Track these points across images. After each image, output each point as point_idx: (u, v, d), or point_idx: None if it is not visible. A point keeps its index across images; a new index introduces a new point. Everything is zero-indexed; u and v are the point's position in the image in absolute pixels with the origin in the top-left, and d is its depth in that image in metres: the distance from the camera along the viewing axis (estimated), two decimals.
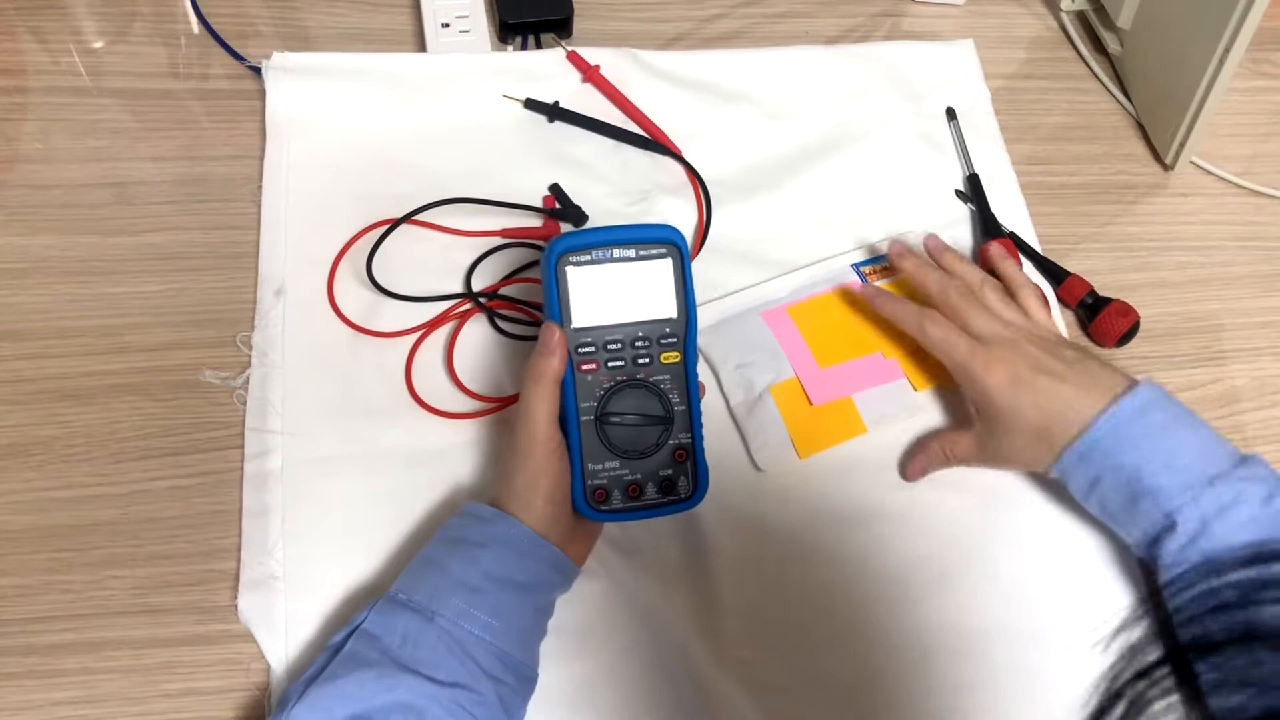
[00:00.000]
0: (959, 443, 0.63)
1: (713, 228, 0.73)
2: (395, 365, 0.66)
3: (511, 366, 0.66)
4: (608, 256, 0.56)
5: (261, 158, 0.73)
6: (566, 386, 0.56)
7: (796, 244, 0.73)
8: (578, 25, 0.82)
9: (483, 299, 0.68)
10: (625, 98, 0.78)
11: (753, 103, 0.79)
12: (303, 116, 0.74)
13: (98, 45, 0.78)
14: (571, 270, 0.56)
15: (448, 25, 0.80)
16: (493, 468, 0.63)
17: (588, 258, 0.56)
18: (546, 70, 0.79)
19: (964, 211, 0.77)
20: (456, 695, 0.50)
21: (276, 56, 0.75)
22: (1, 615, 0.57)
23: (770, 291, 0.71)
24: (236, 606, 0.58)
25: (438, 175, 0.73)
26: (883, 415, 0.66)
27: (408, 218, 0.70)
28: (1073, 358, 0.60)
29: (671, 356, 0.57)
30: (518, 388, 0.57)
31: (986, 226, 0.75)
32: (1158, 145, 0.82)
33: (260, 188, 0.71)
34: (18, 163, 0.72)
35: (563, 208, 0.72)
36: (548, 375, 0.55)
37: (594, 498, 0.56)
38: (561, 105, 0.77)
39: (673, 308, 0.57)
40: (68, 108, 0.74)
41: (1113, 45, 0.86)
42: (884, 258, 0.71)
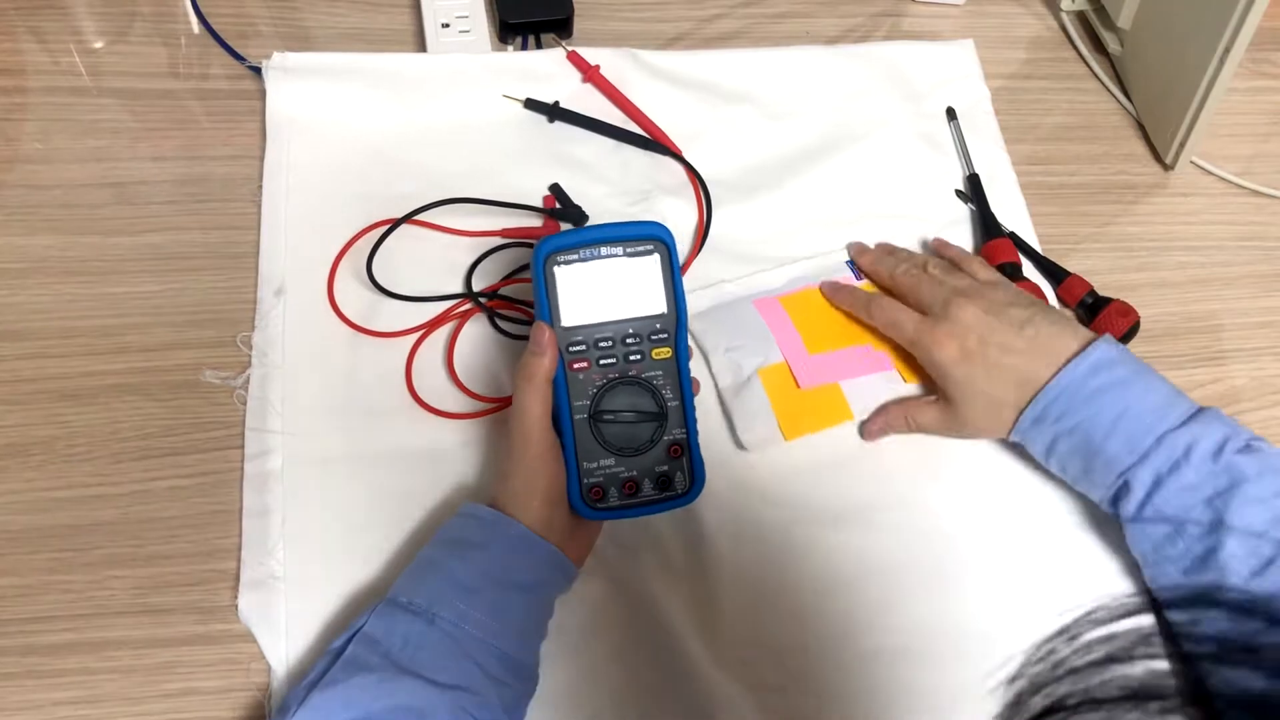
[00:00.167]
0: (923, 411, 0.64)
1: (713, 228, 0.73)
2: (395, 365, 0.66)
3: (511, 366, 0.66)
4: (595, 255, 0.56)
5: (261, 158, 0.73)
6: (559, 385, 0.56)
7: (796, 244, 0.73)
8: (578, 25, 0.82)
9: (483, 299, 0.68)
10: (625, 98, 0.78)
11: (753, 103, 0.79)
12: (303, 116, 0.74)
13: (98, 45, 0.78)
14: (560, 270, 0.56)
15: (448, 25, 0.80)
16: (492, 468, 0.63)
17: (575, 257, 0.56)
18: (546, 70, 0.78)
19: (964, 211, 0.77)
20: (458, 698, 0.50)
21: (276, 56, 0.75)
22: (1, 615, 0.57)
23: (764, 282, 0.71)
24: (236, 606, 0.58)
25: (438, 175, 0.73)
26: (871, 404, 0.66)
27: (408, 218, 0.70)
28: (1022, 318, 0.60)
29: (663, 352, 0.57)
30: None
31: (986, 226, 0.75)
32: (1158, 145, 0.82)
33: (260, 188, 0.71)
34: (18, 163, 0.72)
35: (563, 208, 0.72)
36: (539, 375, 0.55)
37: (590, 496, 0.56)
38: (561, 105, 0.77)
39: (662, 303, 0.57)
40: (68, 108, 0.74)
41: (1113, 45, 0.86)
42: None
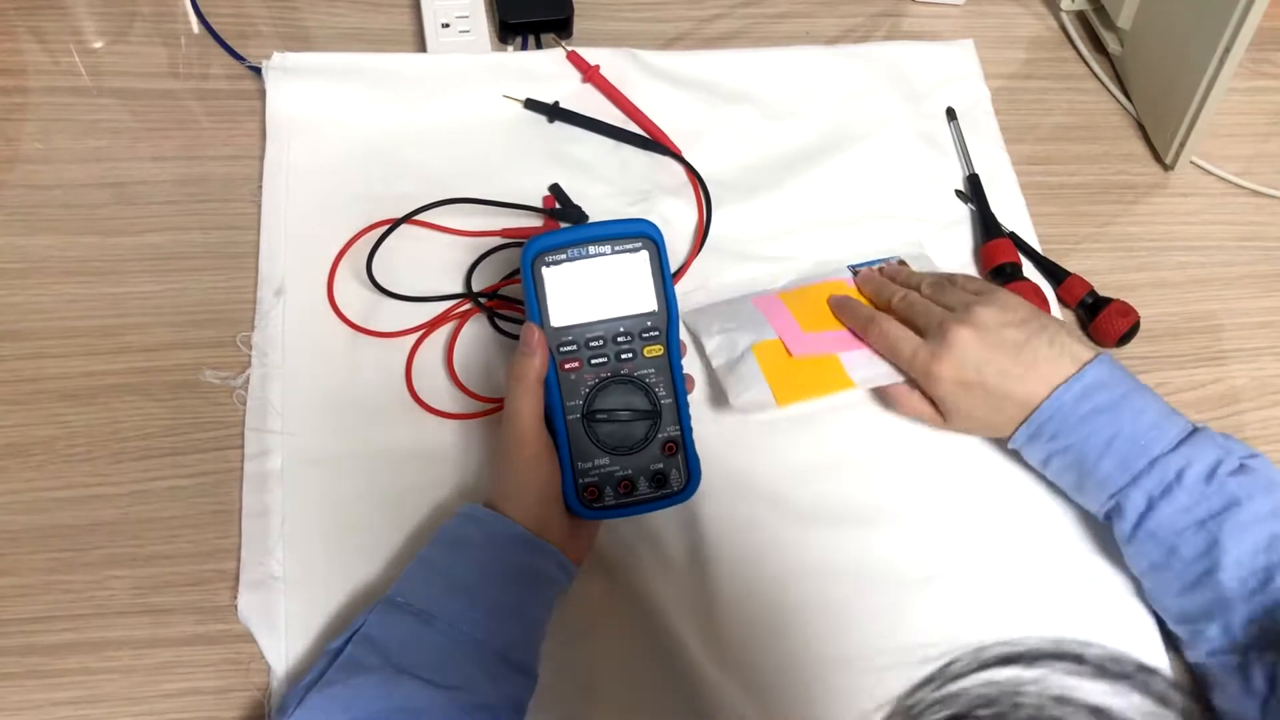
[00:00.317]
0: (920, 408, 0.64)
1: (713, 228, 0.73)
2: (395, 365, 0.66)
3: None
4: (583, 254, 0.56)
5: (261, 158, 0.73)
6: (551, 386, 0.56)
7: (796, 244, 0.73)
8: (578, 25, 0.82)
9: (483, 299, 0.68)
10: (625, 98, 0.78)
11: (753, 103, 0.79)
12: (303, 116, 0.74)
13: (98, 45, 0.78)
14: (548, 270, 0.56)
15: (448, 25, 0.80)
16: (492, 468, 0.63)
17: (563, 256, 0.56)
18: (546, 70, 0.78)
19: (964, 211, 0.77)
20: (457, 698, 0.50)
21: (276, 56, 0.75)
22: (1, 615, 0.57)
23: (765, 284, 0.71)
24: (236, 606, 0.58)
25: (438, 175, 0.73)
26: (872, 375, 0.64)
27: (408, 218, 0.70)
28: (1019, 341, 0.60)
29: (655, 350, 0.57)
30: None
31: (986, 226, 0.75)
32: (1158, 145, 0.82)
33: (260, 188, 0.71)
34: (18, 163, 0.72)
35: (563, 208, 0.72)
36: (529, 376, 0.55)
37: (586, 496, 0.56)
38: (561, 105, 0.77)
39: (652, 301, 0.57)
40: (68, 108, 0.74)
41: (1113, 45, 0.86)
42: (880, 260, 0.72)
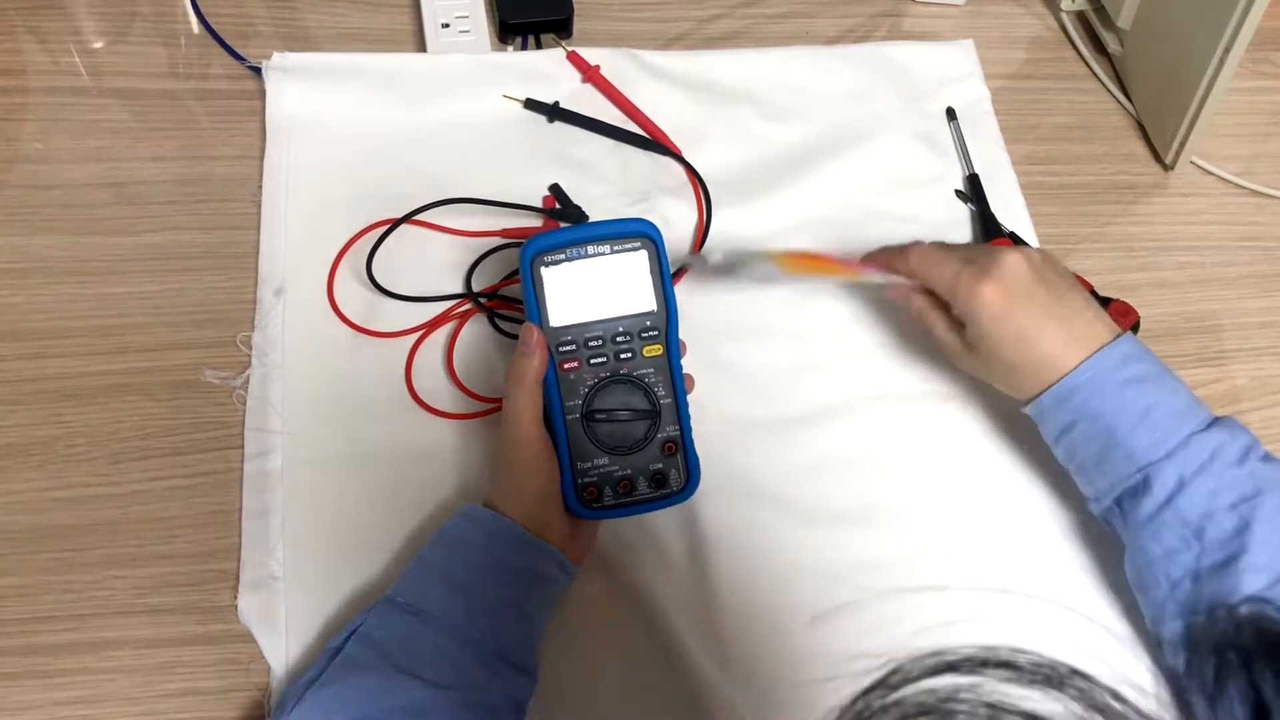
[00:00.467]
0: (941, 326, 0.62)
1: (713, 228, 0.73)
2: (395, 365, 0.66)
3: None
4: (581, 254, 0.56)
5: (261, 158, 0.73)
6: (550, 386, 0.56)
7: (796, 244, 0.73)
8: (578, 25, 0.82)
9: (483, 299, 0.68)
10: (625, 98, 0.78)
11: (753, 103, 0.79)
12: (303, 116, 0.74)
13: (98, 45, 0.78)
14: (546, 270, 0.56)
15: (448, 25, 0.80)
16: (491, 468, 0.63)
17: (562, 256, 0.56)
18: (546, 70, 0.78)
19: (964, 211, 0.77)
20: (456, 697, 0.50)
21: (276, 56, 0.75)
22: (2, 615, 0.57)
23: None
24: (236, 606, 0.58)
25: (438, 175, 0.73)
26: (882, 277, 0.62)
27: (408, 218, 0.70)
28: (1063, 287, 0.59)
29: (654, 349, 0.57)
30: None
31: (986, 226, 0.75)
32: (1158, 145, 0.82)
33: (260, 188, 0.71)
34: (18, 163, 0.72)
35: (563, 208, 0.72)
36: (528, 376, 0.55)
37: (586, 496, 0.56)
38: (561, 105, 0.77)
39: (651, 300, 0.57)
40: (68, 108, 0.74)
41: (1113, 45, 0.86)
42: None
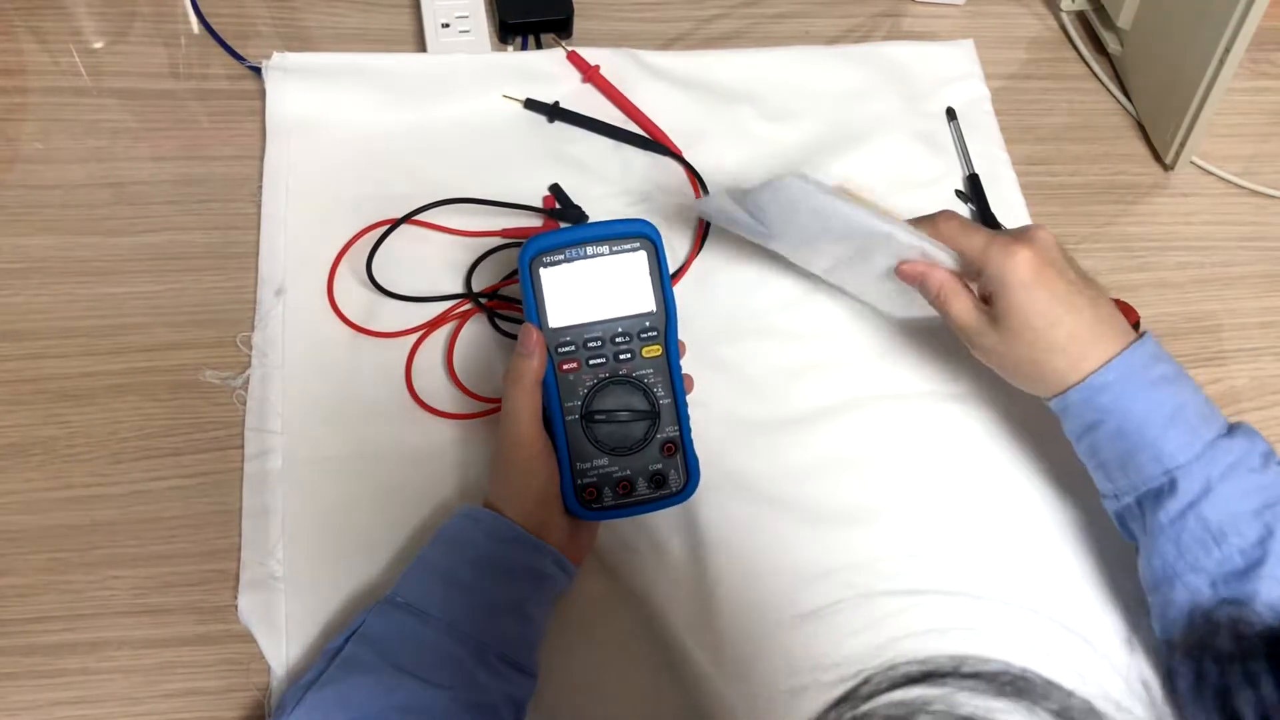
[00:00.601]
0: (961, 300, 0.59)
1: (712, 228, 0.73)
2: (395, 365, 0.66)
3: None
4: (580, 254, 0.56)
5: (261, 158, 0.73)
6: (549, 387, 0.56)
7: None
8: (578, 25, 0.82)
9: (483, 299, 0.68)
10: (625, 98, 0.78)
11: (753, 103, 0.79)
12: (303, 116, 0.74)
13: (98, 45, 0.78)
14: (545, 271, 0.56)
15: (448, 25, 0.80)
16: (491, 469, 0.63)
17: (561, 257, 0.56)
18: (546, 70, 0.78)
19: (964, 211, 0.77)
20: (456, 697, 0.50)
21: (276, 56, 0.75)
22: (1, 615, 0.57)
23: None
24: (236, 606, 0.58)
25: (438, 175, 0.73)
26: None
27: (408, 218, 0.70)
28: (1085, 273, 0.58)
29: (653, 350, 0.57)
30: None
31: (986, 226, 0.75)
32: (1158, 145, 0.82)
33: (260, 188, 0.71)
34: (18, 163, 0.72)
35: (563, 208, 0.72)
36: (527, 377, 0.55)
37: (585, 496, 0.56)
38: (561, 105, 0.77)
39: (651, 301, 0.57)
40: (68, 108, 0.74)
41: (1113, 45, 0.86)
42: None
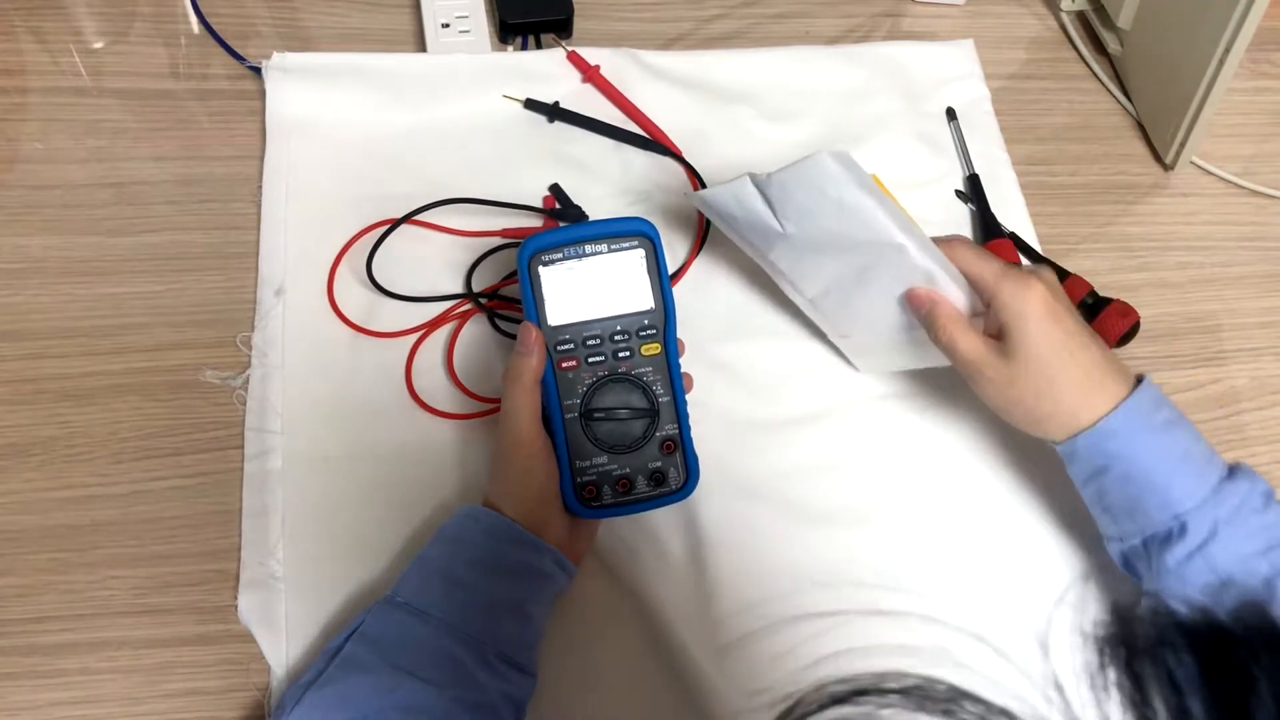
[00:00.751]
0: (969, 336, 0.57)
1: (713, 228, 0.73)
2: (395, 365, 0.66)
3: None
4: (579, 253, 0.56)
5: (261, 158, 0.73)
6: (549, 385, 0.56)
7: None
8: (578, 25, 0.82)
9: (483, 299, 0.68)
10: (625, 98, 0.78)
11: (753, 103, 0.79)
12: (303, 116, 0.74)
13: (98, 45, 0.78)
14: (544, 270, 0.56)
15: (448, 25, 0.80)
16: (490, 468, 0.63)
17: (559, 256, 0.56)
18: (546, 70, 0.78)
19: (964, 211, 0.77)
20: (456, 697, 0.50)
21: (276, 56, 0.75)
22: (2, 615, 0.57)
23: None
24: (236, 606, 0.58)
25: (438, 175, 0.73)
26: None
27: (408, 218, 0.70)
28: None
29: (652, 348, 0.57)
30: None
31: (986, 226, 0.75)
32: (1158, 145, 0.82)
33: (260, 188, 0.71)
34: (18, 163, 0.72)
35: (563, 208, 0.72)
36: (526, 375, 0.55)
37: (584, 495, 0.56)
38: (561, 105, 0.77)
39: (649, 299, 0.57)
40: (68, 108, 0.74)
41: (1113, 45, 0.86)
42: None
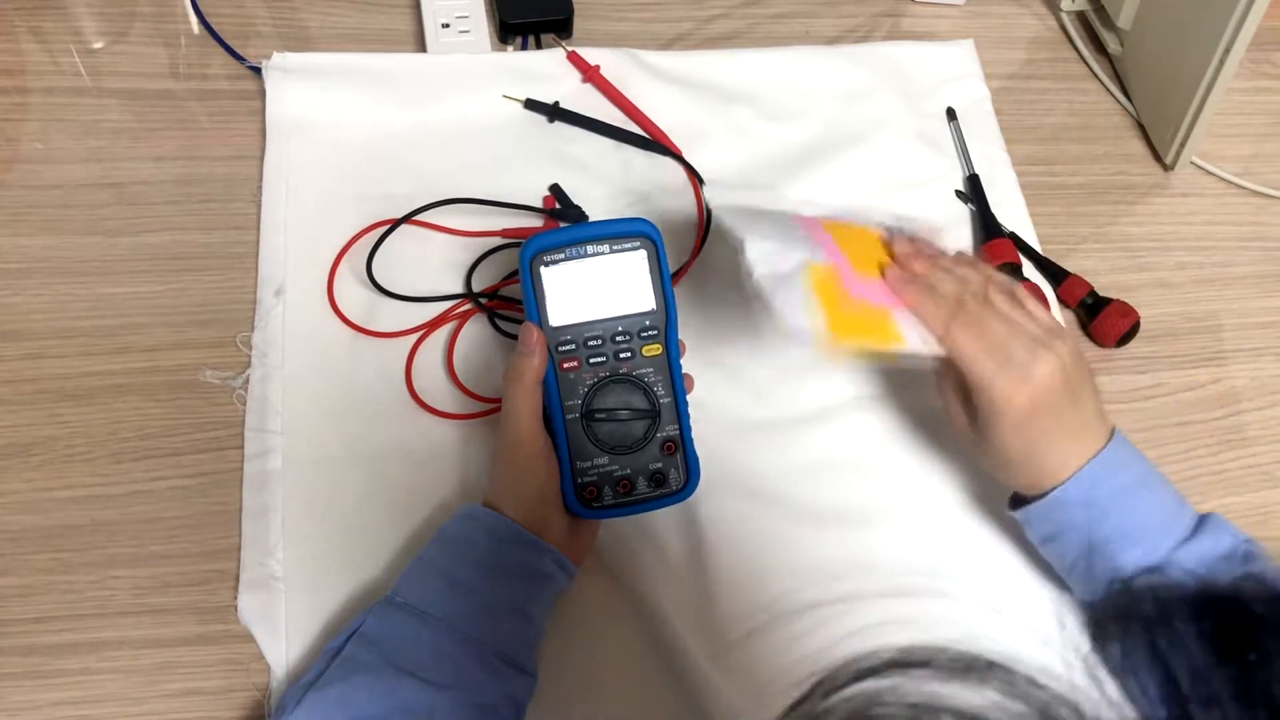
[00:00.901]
0: (954, 404, 0.59)
1: (713, 228, 0.73)
2: (395, 365, 0.66)
3: None
4: (581, 253, 0.56)
5: (261, 158, 0.73)
6: (550, 386, 0.56)
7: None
8: (578, 25, 0.82)
9: (483, 299, 0.68)
10: (625, 98, 0.78)
11: (753, 103, 0.79)
12: (303, 116, 0.74)
13: (98, 45, 0.78)
14: (546, 270, 0.56)
15: (448, 25, 0.80)
16: (491, 468, 0.63)
17: (561, 256, 0.56)
18: (546, 70, 0.78)
19: (964, 211, 0.77)
20: (455, 697, 0.50)
21: (276, 56, 0.75)
22: (2, 615, 0.57)
23: (801, 208, 0.63)
24: (236, 606, 0.58)
25: (438, 175, 0.73)
26: (923, 343, 0.57)
27: (408, 218, 0.70)
28: (1078, 381, 0.56)
29: (653, 349, 0.57)
30: None
31: (986, 227, 0.75)
32: (1158, 145, 0.82)
33: (260, 188, 0.71)
34: (18, 163, 0.72)
35: (563, 208, 0.72)
36: (527, 375, 0.55)
37: (585, 495, 0.56)
38: (561, 105, 0.77)
39: (651, 300, 0.57)
40: (68, 108, 0.74)
41: (1113, 45, 0.86)
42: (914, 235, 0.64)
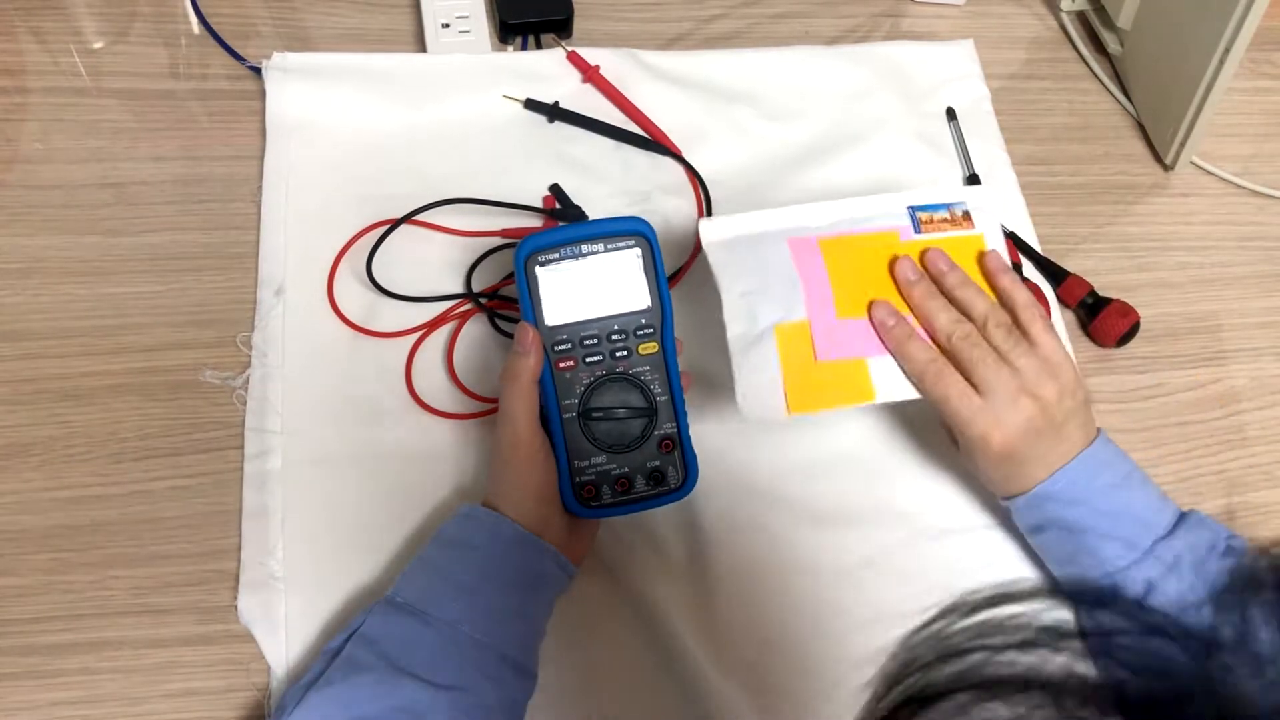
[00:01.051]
0: (948, 436, 0.61)
1: None
2: (395, 365, 0.66)
3: None
4: (576, 253, 0.57)
5: (261, 158, 0.73)
6: (546, 385, 0.56)
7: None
8: (578, 25, 0.82)
9: (483, 299, 0.68)
10: (625, 98, 0.78)
11: (753, 103, 0.79)
12: (303, 116, 0.74)
13: (98, 45, 0.78)
14: (541, 270, 0.56)
15: (448, 25, 0.80)
16: (489, 468, 0.63)
17: (556, 255, 0.56)
18: (546, 70, 0.78)
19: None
20: (455, 698, 0.50)
21: (276, 56, 0.75)
22: (1, 615, 0.57)
23: (807, 217, 0.62)
24: (236, 606, 0.58)
25: (438, 175, 0.73)
26: (899, 388, 0.58)
27: (408, 218, 0.70)
28: (1067, 412, 0.57)
29: (650, 347, 0.57)
30: None
31: None
32: (1158, 145, 0.82)
33: (260, 188, 0.71)
34: (18, 163, 0.72)
35: (563, 208, 0.72)
36: (523, 375, 0.55)
37: (583, 494, 0.56)
38: (561, 105, 0.77)
39: (646, 298, 0.57)
40: (68, 108, 0.74)
41: (1113, 45, 0.86)
42: (945, 206, 0.63)
